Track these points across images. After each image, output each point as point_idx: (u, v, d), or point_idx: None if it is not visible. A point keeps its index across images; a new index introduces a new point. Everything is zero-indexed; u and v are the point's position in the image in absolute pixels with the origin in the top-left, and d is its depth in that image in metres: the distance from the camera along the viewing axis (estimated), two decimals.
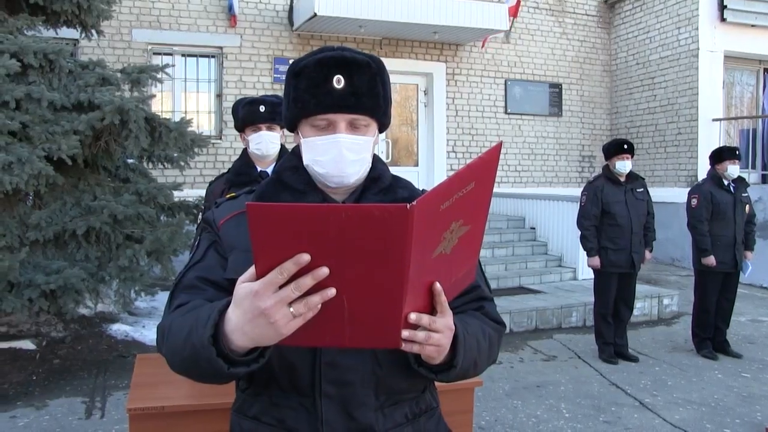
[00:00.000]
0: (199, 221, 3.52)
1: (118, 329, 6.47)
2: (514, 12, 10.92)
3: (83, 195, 5.85)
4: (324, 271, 1.06)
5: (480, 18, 10.18)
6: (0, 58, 5.21)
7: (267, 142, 3.32)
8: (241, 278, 1.15)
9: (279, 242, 1.06)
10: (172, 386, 2.55)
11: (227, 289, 1.34)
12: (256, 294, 1.09)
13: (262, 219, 1.04)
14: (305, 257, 1.06)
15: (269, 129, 3.32)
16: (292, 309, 1.08)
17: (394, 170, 1.65)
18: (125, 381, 5.26)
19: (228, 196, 1.59)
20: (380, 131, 1.53)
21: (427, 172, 11.39)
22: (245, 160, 3.42)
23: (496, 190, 11.23)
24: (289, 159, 1.56)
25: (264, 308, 1.09)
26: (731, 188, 6.17)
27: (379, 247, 1.05)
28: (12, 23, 5.89)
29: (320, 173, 1.47)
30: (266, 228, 1.05)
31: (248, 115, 3.32)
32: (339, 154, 1.43)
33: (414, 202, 1.00)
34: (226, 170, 3.62)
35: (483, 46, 11.39)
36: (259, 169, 3.38)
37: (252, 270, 1.12)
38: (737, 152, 6.17)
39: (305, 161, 1.48)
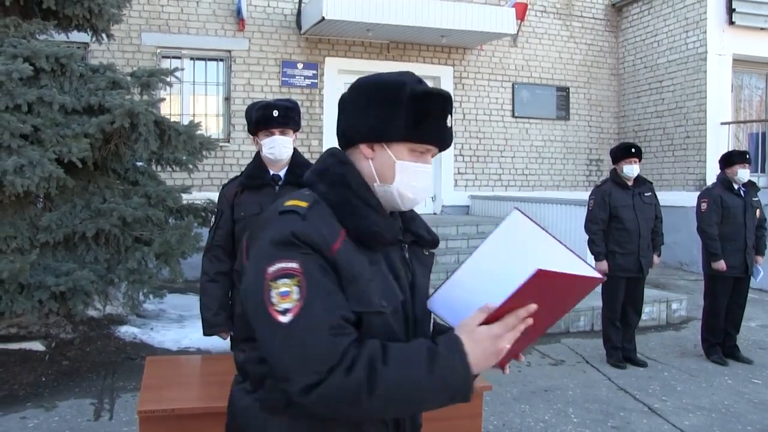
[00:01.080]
0: (215, 214, 3.57)
1: (127, 331, 6.49)
2: (521, 15, 10.91)
3: (93, 197, 5.88)
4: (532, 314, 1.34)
5: (487, 22, 10.18)
6: (14, 62, 5.24)
7: (280, 147, 3.33)
8: (468, 321, 1.37)
9: (531, 295, 1.30)
10: (182, 389, 2.57)
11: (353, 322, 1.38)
12: (497, 337, 1.34)
13: (543, 281, 1.27)
14: (534, 306, 1.32)
15: (282, 133, 3.34)
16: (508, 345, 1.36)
17: None
18: (133, 383, 5.28)
19: (292, 203, 1.44)
20: None
21: (434, 176, 11.36)
22: (258, 163, 3.44)
23: (504, 193, 11.33)
24: (352, 175, 1.50)
25: (501, 348, 1.35)
26: (741, 192, 6.14)
27: (568, 298, 1.43)
28: (25, 28, 5.93)
29: (409, 197, 1.53)
30: (537, 286, 1.27)
31: (262, 119, 3.33)
32: (430, 184, 1.58)
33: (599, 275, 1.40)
34: (238, 173, 3.63)
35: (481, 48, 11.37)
36: (271, 172, 3.40)
37: (481, 314, 1.35)
38: (747, 156, 6.16)
39: (395, 183, 1.51)
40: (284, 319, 1.31)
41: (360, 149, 1.52)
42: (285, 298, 1.32)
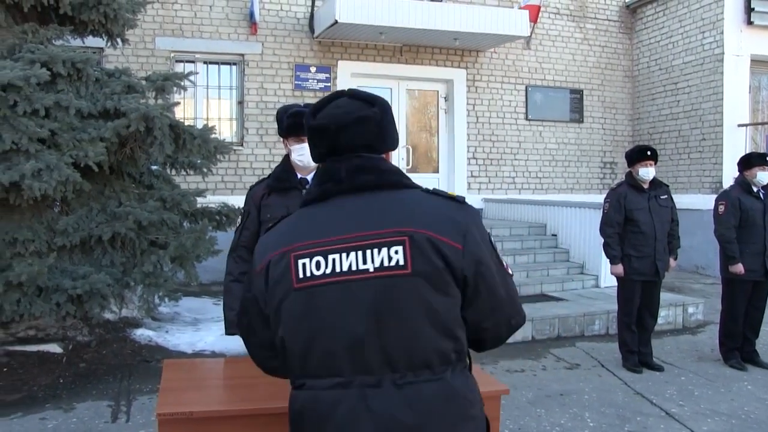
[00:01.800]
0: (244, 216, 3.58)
1: (142, 334, 6.52)
2: (534, 17, 10.87)
3: (109, 201, 5.92)
4: None
5: (501, 24, 10.17)
6: (32, 67, 5.29)
7: (309, 154, 3.31)
8: None
9: None
10: (201, 392, 2.57)
11: None
12: None
13: None
14: None
15: None
16: None
17: (413, 177, 1.91)
18: (149, 385, 5.31)
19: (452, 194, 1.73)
20: None
21: (447, 179, 11.38)
22: (286, 166, 3.42)
23: (517, 196, 11.32)
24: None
25: None
26: (761, 195, 6.08)
27: None
28: (42, 34, 5.99)
29: None
30: None
31: (293, 126, 3.32)
32: None
33: None
34: (263, 176, 3.63)
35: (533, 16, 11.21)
36: (299, 175, 3.39)
37: None
38: (767, 158, 6.10)
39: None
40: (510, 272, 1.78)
41: (389, 156, 1.80)
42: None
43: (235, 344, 5.90)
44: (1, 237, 5.44)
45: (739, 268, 5.95)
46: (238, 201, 7.29)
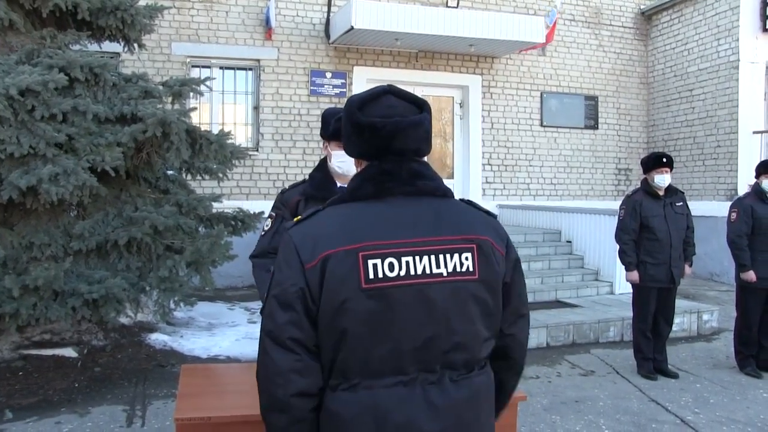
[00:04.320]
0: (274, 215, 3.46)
1: (157, 339, 6.55)
2: (550, 36, 10.84)
3: (125, 206, 5.95)
4: None
5: (516, 30, 10.16)
6: (50, 72, 5.33)
7: (350, 163, 3.22)
8: None
9: None
10: (218, 397, 2.58)
11: None
12: None
13: None
14: None
15: None
16: None
17: None
18: (164, 390, 5.33)
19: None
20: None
21: (462, 185, 11.37)
22: (325, 173, 3.29)
23: (532, 203, 11.30)
24: None
25: None
26: None
27: None
28: (61, 39, 6.05)
29: None
30: None
31: (339, 130, 3.23)
32: None
33: None
34: (299, 181, 3.52)
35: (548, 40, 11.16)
36: (338, 184, 3.28)
37: None
38: None
39: None
40: None
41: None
42: None
43: (250, 349, 5.91)
44: (18, 241, 5.48)
45: (750, 275, 5.92)
46: (253, 206, 7.34)
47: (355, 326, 1.60)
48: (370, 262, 1.60)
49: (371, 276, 1.59)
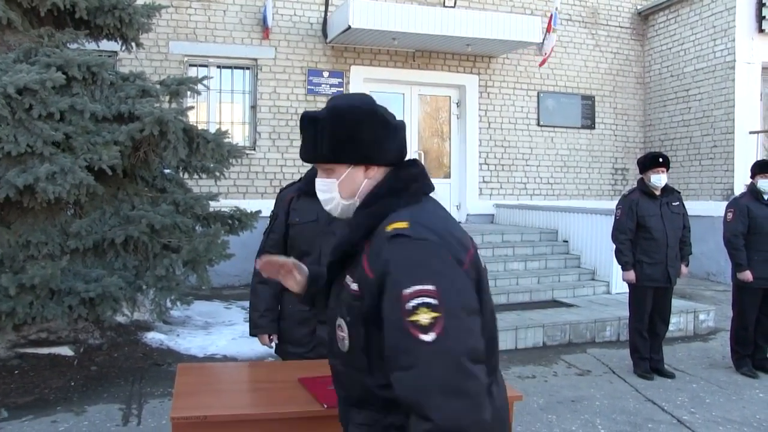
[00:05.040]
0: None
1: (153, 337, 6.55)
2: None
3: (122, 204, 5.95)
4: None
5: (513, 30, 10.17)
6: (47, 71, 5.33)
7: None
8: None
9: None
10: (215, 396, 2.58)
11: None
12: None
13: None
14: None
15: None
16: None
17: None
18: (160, 389, 5.33)
19: None
20: (357, 163, 1.70)
21: (459, 184, 11.39)
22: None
23: (529, 202, 11.30)
24: None
25: None
26: None
27: None
28: (58, 38, 6.04)
29: None
30: None
31: None
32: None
33: None
34: (296, 180, 3.56)
35: (541, 64, 11.33)
36: None
37: None
38: None
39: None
40: None
41: None
42: None
43: (247, 348, 5.91)
44: (15, 239, 5.48)
45: (746, 275, 5.94)
46: (250, 205, 7.34)
47: (490, 318, 1.68)
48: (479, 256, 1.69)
49: (483, 266, 1.70)
